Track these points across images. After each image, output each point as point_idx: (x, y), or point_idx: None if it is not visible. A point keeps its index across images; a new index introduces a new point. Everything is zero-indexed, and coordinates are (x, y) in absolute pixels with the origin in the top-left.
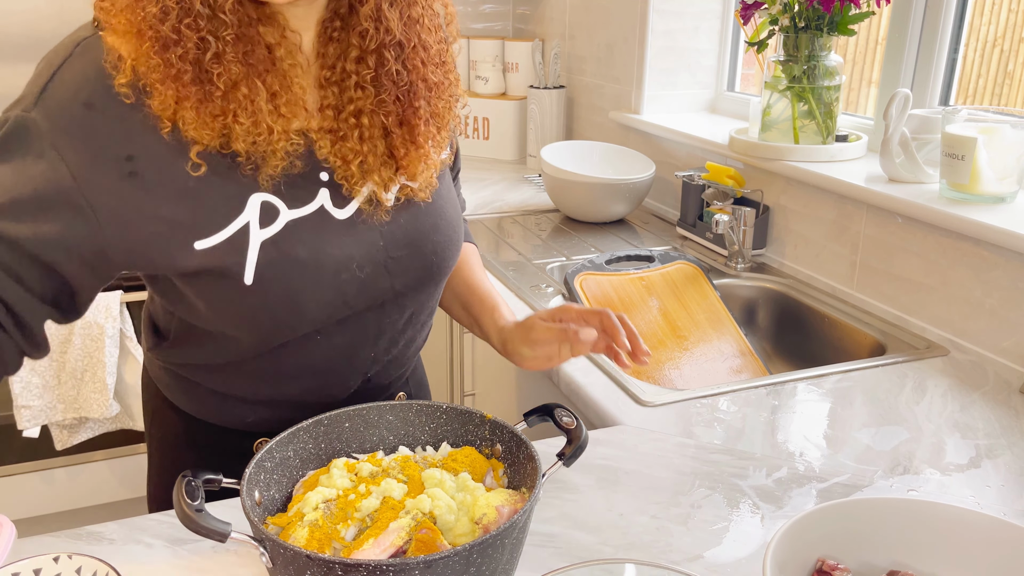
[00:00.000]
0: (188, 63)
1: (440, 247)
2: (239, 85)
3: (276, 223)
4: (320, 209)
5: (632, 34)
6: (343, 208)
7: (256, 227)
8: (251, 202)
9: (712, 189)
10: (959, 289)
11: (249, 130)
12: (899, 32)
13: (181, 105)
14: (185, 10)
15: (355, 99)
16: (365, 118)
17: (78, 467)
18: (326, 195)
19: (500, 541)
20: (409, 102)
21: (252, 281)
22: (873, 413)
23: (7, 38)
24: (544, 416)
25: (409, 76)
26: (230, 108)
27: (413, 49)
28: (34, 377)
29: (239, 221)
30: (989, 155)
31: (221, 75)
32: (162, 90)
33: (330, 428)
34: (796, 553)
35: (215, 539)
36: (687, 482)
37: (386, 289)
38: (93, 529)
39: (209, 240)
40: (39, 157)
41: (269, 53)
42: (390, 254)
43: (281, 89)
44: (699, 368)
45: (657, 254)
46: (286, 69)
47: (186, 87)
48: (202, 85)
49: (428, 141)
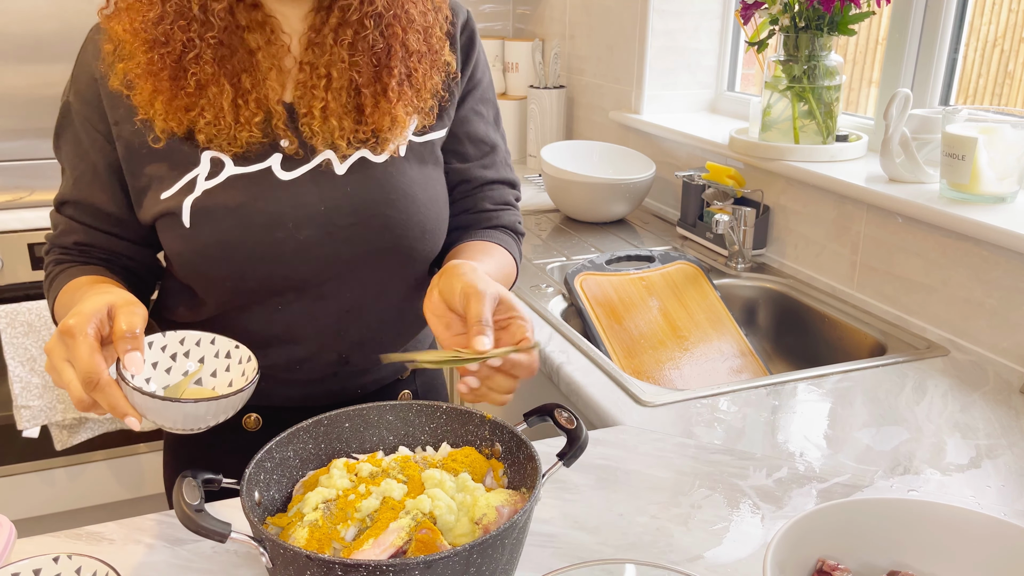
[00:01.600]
0: (170, 61)
1: (395, 223)
2: (209, 85)
3: (220, 176)
4: (266, 169)
5: (632, 34)
6: (290, 171)
7: (203, 178)
8: (203, 157)
9: (712, 189)
10: (959, 289)
11: (211, 123)
12: (899, 32)
13: (155, 99)
14: (180, 13)
15: (330, 57)
16: (335, 71)
17: (78, 467)
18: (277, 159)
19: (500, 541)
20: (385, 63)
21: (189, 224)
22: (873, 413)
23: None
24: (544, 416)
25: (387, 41)
26: (197, 104)
27: (394, 17)
28: (34, 377)
29: (191, 173)
30: (989, 155)
31: (195, 74)
32: (142, 85)
33: (330, 428)
34: (796, 553)
35: (215, 539)
36: (687, 482)
37: (335, 257)
38: (93, 529)
39: (170, 191)
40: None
41: (250, 56)
42: (334, 220)
43: (253, 88)
44: (699, 368)
45: (657, 254)
46: (264, 71)
47: (162, 82)
48: (176, 82)
49: (400, 100)
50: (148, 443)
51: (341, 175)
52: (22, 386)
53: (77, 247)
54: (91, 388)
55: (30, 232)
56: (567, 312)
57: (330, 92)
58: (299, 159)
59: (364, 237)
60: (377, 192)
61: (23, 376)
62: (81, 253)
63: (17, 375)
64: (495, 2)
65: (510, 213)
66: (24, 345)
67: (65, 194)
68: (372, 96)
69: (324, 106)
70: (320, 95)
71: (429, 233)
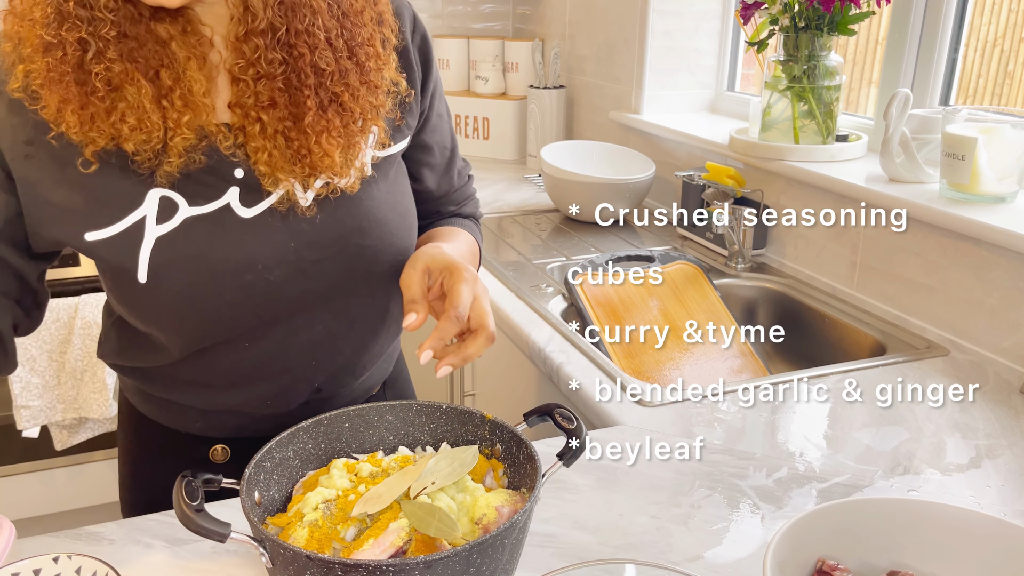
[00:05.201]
0: (69, 65)
1: (369, 252)
2: (124, 84)
3: (173, 219)
4: (224, 207)
5: (632, 34)
6: (252, 207)
7: (152, 223)
8: (149, 197)
9: (712, 189)
10: (959, 289)
11: (135, 128)
12: (899, 32)
13: (64, 108)
14: (64, 13)
15: (251, 93)
16: (264, 114)
17: (78, 467)
18: (235, 194)
19: (500, 541)
20: (298, 91)
21: (146, 279)
22: (873, 413)
23: None
24: (544, 416)
25: (295, 63)
26: (116, 107)
27: (295, 34)
28: (34, 377)
29: (135, 215)
30: (989, 155)
31: (100, 75)
32: (47, 95)
33: (330, 428)
34: (796, 553)
35: (215, 539)
36: (687, 482)
37: (306, 292)
38: (93, 529)
39: (101, 232)
40: None
41: (163, 48)
42: (305, 256)
43: (174, 84)
44: (699, 368)
45: (657, 254)
46: (182, 63)
47: (68, 88)
48: (83, 86)
49: (325, 134)
50: None
51: (307, 206)
52: (22, 386)
53: None
54: None
55: None
56: (567, 312)
57: (267, 139)
58: (260, 192)
59: (337, 270)
60: (348, 222)
61: (23, 376)
62: None
63: (17, 375)
64: (495, 2)
65: (471, 204)
66: (24, 345)
67: None
68: (298, 135)
69: (268, 155)
70: (260, 144)
71: (402, 253)
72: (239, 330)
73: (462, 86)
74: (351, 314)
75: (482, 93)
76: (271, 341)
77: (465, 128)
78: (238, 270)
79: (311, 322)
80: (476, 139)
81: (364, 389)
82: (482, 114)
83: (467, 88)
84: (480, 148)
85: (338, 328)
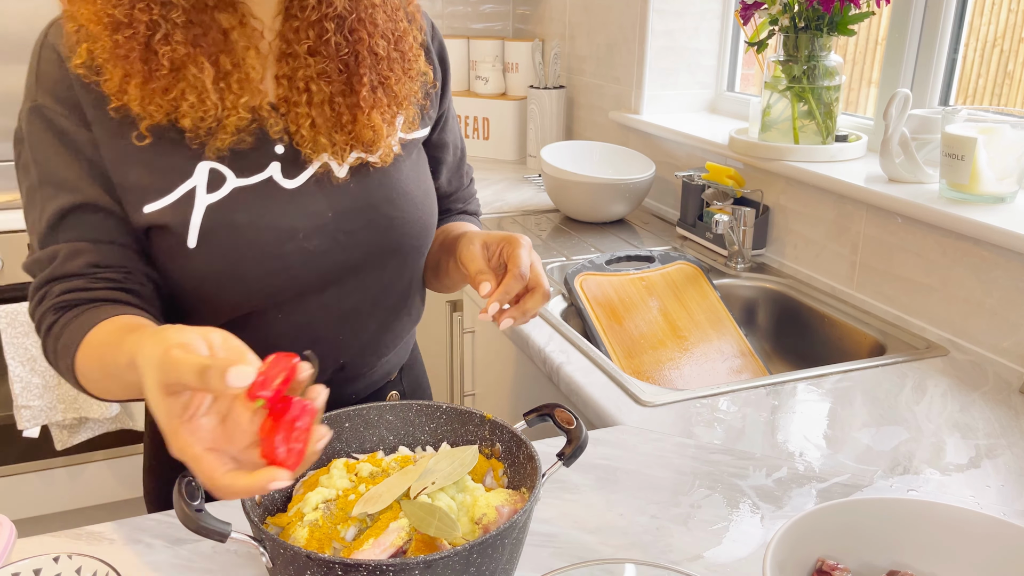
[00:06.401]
0: (136, 43)
1: (398, 223)
2: (187, 64)
3: (222, 189)
4: (268, 180)
5: (632, 34)
6: (293, 179)
7: (203, 192)
8: (199, 168)
9: (712, 189)
10: (959, 289)
11: (195, 106)
12: (899, 32)
13: (128, 83)
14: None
15: (303, 67)
16: (313, 84)
17: (78, 467)
18: (277, 167)
19: (500, 541)
20: (355, 71)
21: (195, 243)
22: (873, 413)
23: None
24: (544, 416)
25: (354, 46)
26: (177, 86)
27: (358, 21)
28: (34, 377)
29: (186, 185)
30: (989, 155)
31: (167, 54)
32: (111, 69)
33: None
34: (796, 553)
35: (215, 539)
36: (687, 482)
37: (339, 264)
38: (93, 529)
39: (157, 204)
40: (63, 132)
41: (225, 36)
42: (341, 227)
43: (233, 68)
44: (699, 368)
45: (657, 254)
46: (241, 51)
47: (132, 64)
48: (147, 64)
49: (375, 109)
50: None
51: (342, 178)
52: (22, 386)
53: (85, 275)
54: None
55: None
56: (567, 312)
57: (313, 107)
58: (298, 165)
59: (369, 240)
60: (379, 194)
61: (23, 376)
62: (88, 286)
63: (17, 375)
64: (495, 2)
65: (474, 202)
66: (24, 345)
67: (54, 213)
68: (348, 108)
69: (311, 122)
70: (304, 111)
71: (426, 229)
72: (275, 299)
73: (462, 86)
74: (377, 288)
75: (482, 93)
76: (301, 313)
77: (465, 128)
78: (280, 238)
79: (340, 295)
80: (476, 139)
81: (383, 373)
82: (482, 114)
83: (467, 88)
84: (480, 148)
85: (364, 303)
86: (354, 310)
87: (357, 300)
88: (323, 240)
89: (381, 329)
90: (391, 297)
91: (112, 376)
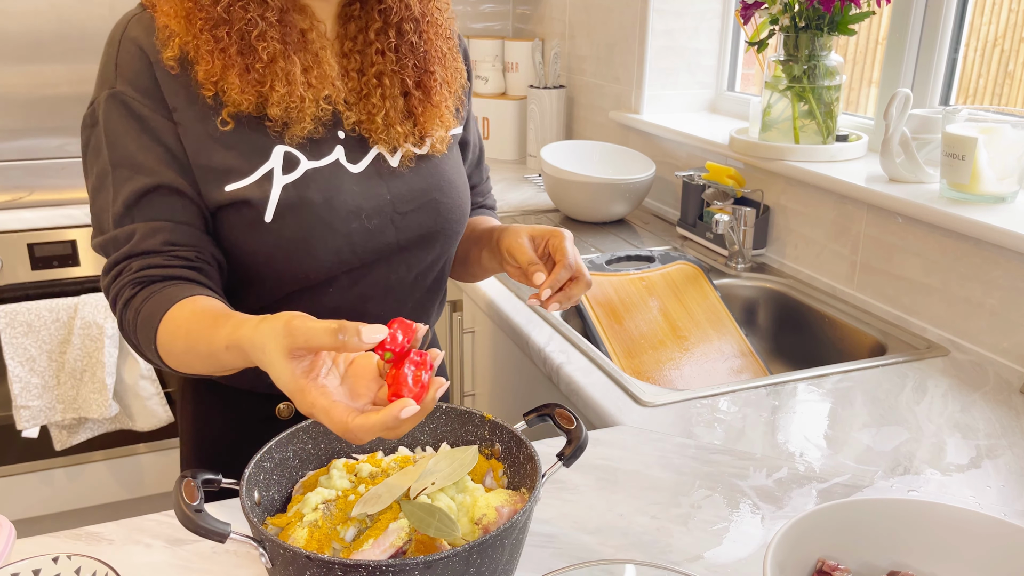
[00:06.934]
0: (235, 39)
1: (444, 208)
2: (278, 59)
3: (297, 171)
4: (335, 162)
5: (632, 34)
6: (356, 164)
7: (279, 173)
8: (275, 152)
9: (712, 189)
10: (959, 289)
11: (284, 97)
12: (899, 32)
13: (227, 72)
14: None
15: (376, 63)
16: (386, 79)
17: (77, 467)
18: (341, 151)
19: (500, 541)
20: (425, 67)
21: (272, 219)
22: (873, 413)
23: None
24: (544, 416)
25: (424, 45)
26: (268, 78)
27: (428, 23)
28: (33, 377)
29: (265, 167)
30: (989, 155)
31: (265, 48)
32: (209, 60)
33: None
34: (796, 553)
35: (215, 539)
36: (687, 482)
37: (391, 243)
38: (93, 529)
39: (239, 183)
40: (143, 118)
41: (302, 36)
42: (396, 209)
43: (313, 64)
44: (699, 368)
45: (657, 254)
46: (316, 50)
47: (232, 58)
48: (246, 57)
49: (443, 102)
50: (148, 443)
51: (396, 166)
52: (21, 386)
53: (162, 252)
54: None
55: (30, 232)
56: (567, 312)
57: (387, 100)
58: (360, 151)
59: (418, 222)
60: (428, 180)
61: (23, 376)
62: (166, 263)
63: (17, 375)
64: (495, 2)
65: (491, 197)
66: (24, 345)
67: (131, 194)
68: (419, 101)
69: (384, 114)
70: (377, 103)
71: (464, 216)
72: (333, 272)
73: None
74: (419, 268)
75: (482, 93)
76: (352, 289)
77: None
78: (347, 217)
79: (388, 272)
80: None
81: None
82: (482, 114)
83: None
84: None
85: (406, 280)
86: (399, 285)
87: (401, 276)
88: (381, 220)
89: (416, 308)
90: (429, 276)
91: (200, 355)
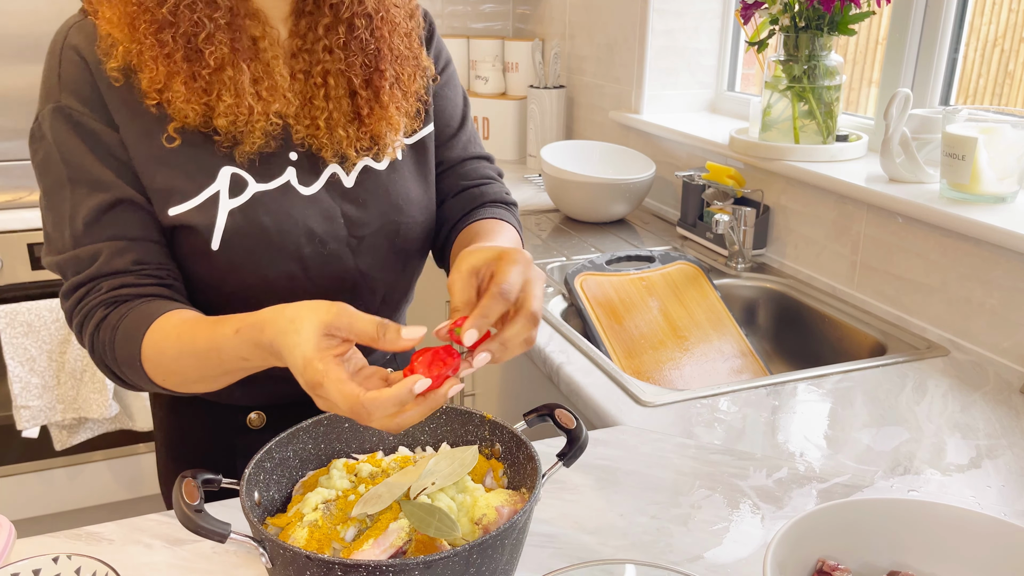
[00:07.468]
0: (181, 43)
1: (405, 228)
2: (226, 67)
3: (244, 194)
4: (286, 184)
5: (632, 34)
6: (308, 186)
7: (225, 196)
8: (222, 173)
9: (712, 189)
10: (959, 289)
11: (231, 108)
12: (899, 32)
13: (172, 80)
14: None
15: (323, 61)
16: (331, 78)
17: (77, 467)
18: (293, 173)
19: (500, 541)
20: (375, 66)
21: (218, 246)
22: (873, 413)
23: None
24: (544, 416)
25: (376, 43)
26: (215, 87)
27: (381, 19)
28: (33, 377)
29: (210, 189)
30: (989, 155)
31: (212, 54)
32: (153, 67)
33: (330, 428)
34: (796, 553)
35: (215, 539)
36: (687, 482)
37: (351, 268)
38: (93, 529)
39: (182, 206)
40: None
41: (253, 44)
42: (352, 232)
43: (264, 75)
44: (699, 368)
45: (657, 254)
46: (268, 60)
47: (177, 64)
48: (192, 63)
49: (392, 104)
50: (147, 443)
51: (351, 187)
52: (21, 386)
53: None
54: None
55: (30, 232)
56: (567, 312)
57: (331, 101)
58: (312, 172)
59: (378, 245)
60: (386, 200)
61: (23, 376)
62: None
63: (17, 375)
64: (495, 2)
65: (493, 185)
66: (24, 345)
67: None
68: (367, 101)
69: (327, 116)
70: (321, 104)
71: (429, 232)
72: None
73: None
74: (383, 290)
75: (482, 93)
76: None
77: None
78: (299, 241)
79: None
80: None
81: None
82: (482, 114)
83: (467, 88)
84: None
85: (374, 304)
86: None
87: (367, 302)
88: (337, 245)
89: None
90: (394, 297)
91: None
